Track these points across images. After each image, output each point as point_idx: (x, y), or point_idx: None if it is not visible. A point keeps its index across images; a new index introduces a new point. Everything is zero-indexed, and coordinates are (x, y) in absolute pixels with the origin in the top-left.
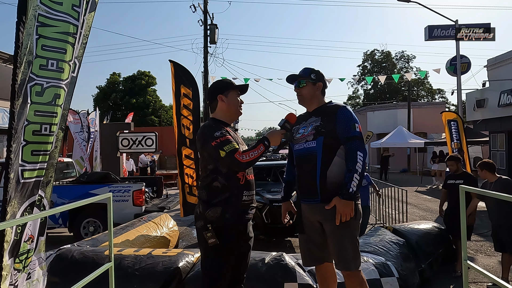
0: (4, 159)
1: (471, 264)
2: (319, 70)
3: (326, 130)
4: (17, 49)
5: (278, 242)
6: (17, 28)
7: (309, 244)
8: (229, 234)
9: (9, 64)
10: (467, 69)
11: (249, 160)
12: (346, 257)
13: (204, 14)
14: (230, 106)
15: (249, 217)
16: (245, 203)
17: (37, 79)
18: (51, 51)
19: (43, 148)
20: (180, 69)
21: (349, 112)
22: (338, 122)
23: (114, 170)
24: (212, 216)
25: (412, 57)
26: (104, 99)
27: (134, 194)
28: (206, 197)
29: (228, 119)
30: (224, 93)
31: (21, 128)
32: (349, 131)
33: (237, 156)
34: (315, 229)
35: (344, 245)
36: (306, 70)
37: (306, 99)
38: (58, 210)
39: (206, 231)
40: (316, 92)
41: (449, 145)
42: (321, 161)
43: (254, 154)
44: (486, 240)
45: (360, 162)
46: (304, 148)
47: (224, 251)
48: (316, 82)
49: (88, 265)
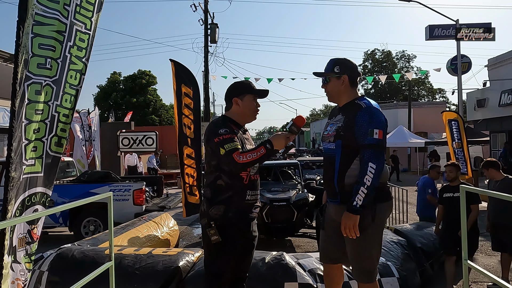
0: (5, 158)
1: (471, 264)
2: (346, 60)
3: (345, 134)
4: (17, 48)
5: (278, 241)
6: (18, 27)
7: (327, 243)
8: (232, 232)
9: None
10: (467, 69)
11: (247, 161)
12: (360, 269)
13: (204, 14)
14: (244, 110)
15: (253, 216)
16: (249, 203)
17: (35, 78)
18: (46, 49)
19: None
20: (181, 68)
21: (370, 115)
22: (357, 127)
23: (115, 169)
24: (216, 214)
25: (413, 57)
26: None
27: (135, 194)
28: (210, 195)
29: (240, 121)
30: (240, 96)
31: (22, 127)
32: (364, 138)
33: (235, 156)
34: (336, 229)
35: (359, 255)
36: (330, 63)
37: (332, 96)
38: (58, 209)
39: (209, 228)
40: (341, 87)
41: (450, 144)
42: (339, 164)
43: (253, 156)
44: (486, 240)
45: (370, 175)
46: (327, 148)
47: (226, 248)
48: (340, 76)
49: (89, 264)
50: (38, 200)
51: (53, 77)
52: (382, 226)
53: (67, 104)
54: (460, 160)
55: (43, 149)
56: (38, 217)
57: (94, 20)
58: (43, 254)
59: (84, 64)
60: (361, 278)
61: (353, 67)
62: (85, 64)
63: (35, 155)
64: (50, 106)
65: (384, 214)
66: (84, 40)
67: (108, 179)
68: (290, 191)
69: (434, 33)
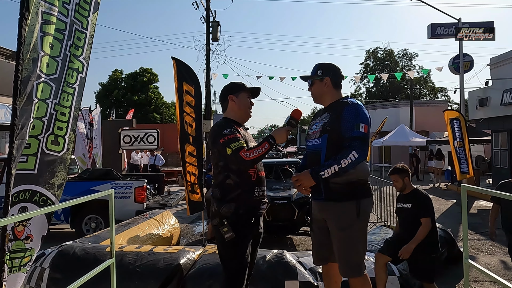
0: (6, 155)
1: (472, 263)
2: (329, 64)
3: (331, 128)
4: (19, 46)
5: (279, 239)
6: (20, 25)
7: (316, 244)
8: (244, 227)
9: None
10: (470, 68)
11: (254, 158)
12: (348, 264)
13: (206, 11)
14: (240, 106)
15: (262, 212)
16: (257, 199)
17: (44, 77)
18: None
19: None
20: (183, 66)
21: (357, 110)
22: (343, 120)
23: (116, 167)
24: (227, 212)
25: (415, 55)
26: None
27: (136, 191)
28: (220, 195)
29: (239, 119)
30: (235, 93)
31: (26, 125)
32: (351, 131)
33: (242, 153)
34: (322, 228)
35: (346, 250)
36: (314, 68)
37: (316, 97)
38: (59, 206)
39: (222, 226)
40: (324, 88)
41: (451, 143)
42: (325, 159)
43: (259, 152)
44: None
45: (349, 160)
46: (312, 145)
47: (241, 244)
48: (322, 78)
49: (90, 262)
50: (27, 198)
51: (51, 75)
52: (366, 220)
53: (65, 103)
54: (462, 159)
55: (39, 146)
56: (39, 214)
57: (91, 20)
58: (45, 251)
59: (81, 62)
60: (349, 273)
61: (335, 70)
62: (82, 62)
63: (29, 152)
64: (49, 104)
65: (367, 209)
66: (81, 38)
67: (110, 176)
68: (291, 190)
69: (436, 32)
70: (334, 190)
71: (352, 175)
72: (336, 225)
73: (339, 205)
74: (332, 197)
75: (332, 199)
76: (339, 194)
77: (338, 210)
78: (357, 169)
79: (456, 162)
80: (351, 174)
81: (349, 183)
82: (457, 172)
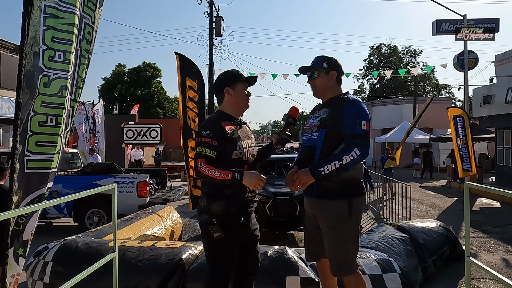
0: (10, 148)
1: (474, 261)
2: (332, 57)
3: (330, 124)
4: (23, 40)
5: (281, 235)
6: (23, 19)
7: (308, 241)
8: (234, 227)
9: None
10: (474, 65)
11: (205, 174)
12: (338, 263)
13: (210, 6)
14: (237, 100)
15: (252, 210)
16: (249, 199)
17: (46, 71)
18: (60, 43)
19: (49, 139)
20: (186, 61)
21: (358, 107)
22: (344, 117)
23: (119, 161)
24: (218, 210)
25: (419, 52)
26: (109, 90)
27: (139, 186)
28: (209, 191)
29: (235, 113)
30: (231, 86)
31: (27, 119)
32: (353, 128)
33: (199, 162)
34: (313, 224)
35: (337, 250)
36: (318, 59)
37: (319, 90)
38: (62, 200)
39: (211, 225)
40: (329, 82)
41: (455, 141)
42: (320, 154)
43: (214, 174)
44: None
45: (350, 157)
46: (308, 139)
47: (228, 243)
48: (329, 71)
49: (92, 256)
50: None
51: (70, 71)
52: (359, 220)
53: (77, 98)
54: (464, 156)
55: (61, 144)
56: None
57: (97, 14)
58: (48, 245)
59: (88, 58)
60: (339, 272)
61: (340, 65)
62: (89, 58)
63: (55, 151)
64: (67, 102)
65: (359, 208)
66: (91, 33)
67: (112, 171)
68: None
69: (441, 28)
70: (326, 187)
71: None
72: (327, 224)
73: (331, 203)
74: (323, 195)
75: (324, 197)
76: (331, 191)
77: (329, 209)
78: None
79: (458, 159)
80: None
81: (342, 180)
82: (459, 170)
